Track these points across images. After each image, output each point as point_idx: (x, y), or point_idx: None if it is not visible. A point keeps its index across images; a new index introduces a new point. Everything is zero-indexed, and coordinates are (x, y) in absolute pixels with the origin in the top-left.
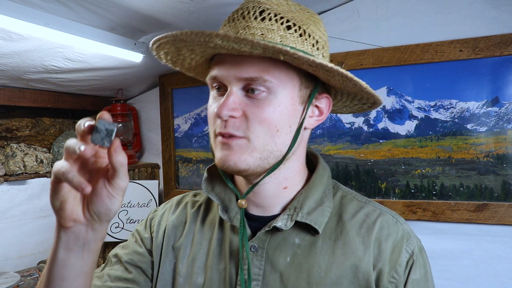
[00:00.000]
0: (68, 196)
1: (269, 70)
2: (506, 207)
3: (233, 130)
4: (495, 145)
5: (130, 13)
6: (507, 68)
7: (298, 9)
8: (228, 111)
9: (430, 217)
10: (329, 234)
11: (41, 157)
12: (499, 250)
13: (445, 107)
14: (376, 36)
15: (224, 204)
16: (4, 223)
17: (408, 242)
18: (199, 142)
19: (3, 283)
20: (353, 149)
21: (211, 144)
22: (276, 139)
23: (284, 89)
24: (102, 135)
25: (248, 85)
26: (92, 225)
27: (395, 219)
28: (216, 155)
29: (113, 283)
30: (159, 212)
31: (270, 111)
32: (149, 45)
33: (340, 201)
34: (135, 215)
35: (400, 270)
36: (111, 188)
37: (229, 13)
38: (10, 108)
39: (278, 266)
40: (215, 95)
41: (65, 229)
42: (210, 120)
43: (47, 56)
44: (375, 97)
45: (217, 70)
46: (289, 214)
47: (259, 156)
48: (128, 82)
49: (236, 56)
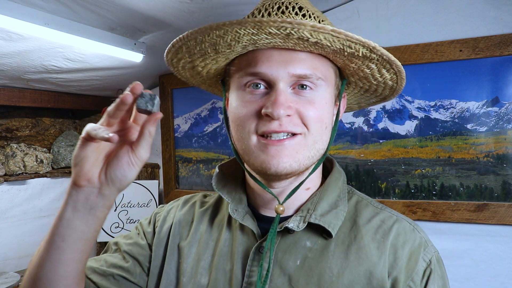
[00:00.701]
0: (91, 156)
1: (319, 68)
2: (506, 207)
3: (291, 128)
4: (495, 145)
5: (130, 13)
6: (507, 68)
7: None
8: (285, 109)
9: (430, 217)
10: (342, 238)
11: (41, 157)
12: (499, 250)
13: (445, 107)
14: (376, 36)
15: (234, 203)
16: (4, 223)
17: (426, 251)
18: (199, 142)
19: (3, 283)
20: (353, 149)
21: (246, 145)
22: (324, 136)
23: (327, 87)
24: (146, 99)
25: (298, 82)
26: (103, 190)
27: (412, 226)
28: (258, 157)
29: (109, 268)
30: (166, 208)
31: (320, 108)
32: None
33: (355, 206)
34: (135, 215)
35: (417, 279)
36: (133, 156)
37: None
38: (10, 108)
39: (287, 269)
40: (252, 92)
41: (77, 188)
42: (247, 120)
43: (47, 56)
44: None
45: (263, 66)
46: (301, 216)
47: (308, 154)
48: (128, 82)
49: (285, 52)
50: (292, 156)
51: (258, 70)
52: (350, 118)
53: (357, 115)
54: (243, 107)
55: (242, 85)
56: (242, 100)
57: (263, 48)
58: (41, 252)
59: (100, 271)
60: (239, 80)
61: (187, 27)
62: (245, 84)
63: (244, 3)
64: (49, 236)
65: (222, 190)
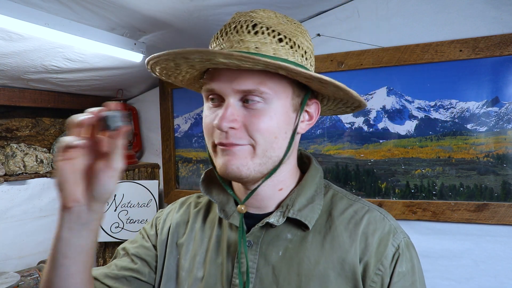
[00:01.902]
0: (69, 177)
1: (265, 82)
2: (506, 207)
3: (235, 140)
4: (495, 145)
5: (130, 13)
6: (507, 68)
7: (286, 21)
8: (228, 123)
9: (430, 217)
10: (319, 229)
11: (41, 157)
12: (499, 250)
13: (445, 107)
14: (376, 36)
15: (222, 204)
16: (4, 223)
17: (395, 237)
18: (199, 142)
19: (3, 283)
20: (353, 149)
21: (209, 153)
22: (274, 145)
23: (279, 99)
24: (115, 119)
25: (245, 96)
26: (91, 206)
27: (382, 215)
28: (218, 162)
29: (119, 271)
30: (165, 212)
31: (267, 120)
32: (146, 61)
33: (331, 199)
34: (135, 215)
35: (386, 262)
36: (109, 169)
37: (229, 13)
38: (10, 108)
39: (271, 259)
40: (210, 106)
41: (67, 210)
42: (207, 131)
43: (47, 56)
44: (361, 102)
45: (214, 83)
46: (281, 211)
47: (259, 162)
48: (128, 82)
49: (233, 70)
50: (239, 161)
51: (211, 87)
52: (350, 118)
53: (357, 115)
54: (205, 117)
55: (205, 97)
56: (205, 111)
57: (217, 67)
58: (48, 270)
59: (113, 275)
60: (203, 92)
61: (187, 27)
62: (206, 97)
63: (243, 3)
64: (51, 255)
65: (210, 193)
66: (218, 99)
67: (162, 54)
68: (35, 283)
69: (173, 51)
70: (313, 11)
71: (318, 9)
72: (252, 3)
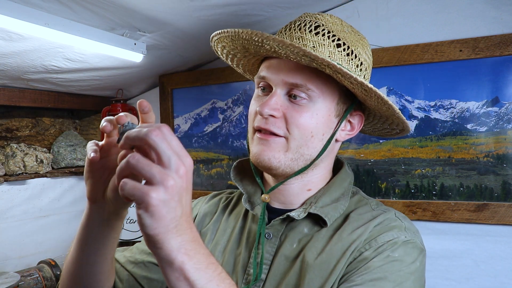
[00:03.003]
0: (94, 175)
1: (313, 80)
2: (506, 207)
3: (273, 128)
4: (495, 145)
5: (130, 13)
6: (507, 68)
7: (350, 31)
8: (270, 109)
9: (430, 217)
10: (335, 226)
11: (41, 157)
12: (499, 250)
13: (445, 107)
14: (376, 36)
15: (249, 195)
16: (4, 223)
17: (400, 232)
18: (199, 142)
19: (3, 283)
20: (353, 149)
21: (248, 139)
22: (309, 143)
23: (324, 100)
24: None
25: (292, 90)
26: (110, 206)
27: (396, 216)
28: (252, 150)
29: (140, 255)
30: (194, 202)
31: (308, 117)
32: (210, 38)
33: (356, 204)
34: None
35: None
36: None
37: (229, 13)
38: (10, 108)
39: (285, 251)
40: (259, 94)
41: (89, 202)
42: (251, 116)
43: (47, 56)
44: (405, 124)
45: (266, 71)
46: (304, 208)
47: (291, 157)
48: (128, 82)
49: (286, 62)
50: (272, 153)
51: (263, 74)
52: None
53: None
54: (252, 104)
55: (256, 84)
56: (254, 98)
57: (273, 56)
58: (72, 253)
59: (132, 259)
60: (256, 79)
61: (187, 27)
62: (257, 84)
63: (245, 3)
64: (76, 237)
65: (240, 182)
66: (268, 89)
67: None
68: (35, 283)
69: (232, 30)
70: (313, 11)
71: (318, 9)
72: (252, 3)
